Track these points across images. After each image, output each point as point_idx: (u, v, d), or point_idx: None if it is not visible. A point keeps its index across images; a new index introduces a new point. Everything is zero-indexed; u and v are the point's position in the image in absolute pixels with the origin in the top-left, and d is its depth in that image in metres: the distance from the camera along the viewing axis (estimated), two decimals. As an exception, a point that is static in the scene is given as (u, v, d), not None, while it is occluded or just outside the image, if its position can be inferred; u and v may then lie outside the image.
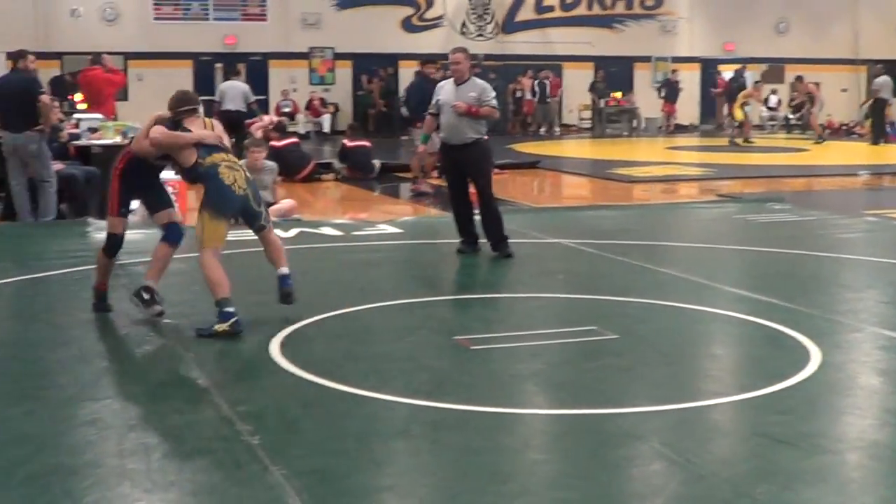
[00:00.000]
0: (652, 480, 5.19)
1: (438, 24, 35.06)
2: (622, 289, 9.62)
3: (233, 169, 8.15)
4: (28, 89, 13.32)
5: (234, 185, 8.08)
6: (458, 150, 11.34)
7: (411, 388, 6.60)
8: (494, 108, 11.34)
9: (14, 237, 12.59)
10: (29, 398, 6.37)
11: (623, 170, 21.87)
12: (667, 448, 5.47)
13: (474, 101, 11.17)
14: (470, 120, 11.20)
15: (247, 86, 22.49)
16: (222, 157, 8.18)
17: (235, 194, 8.08)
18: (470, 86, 11.32)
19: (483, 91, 11.26)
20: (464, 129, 11.24)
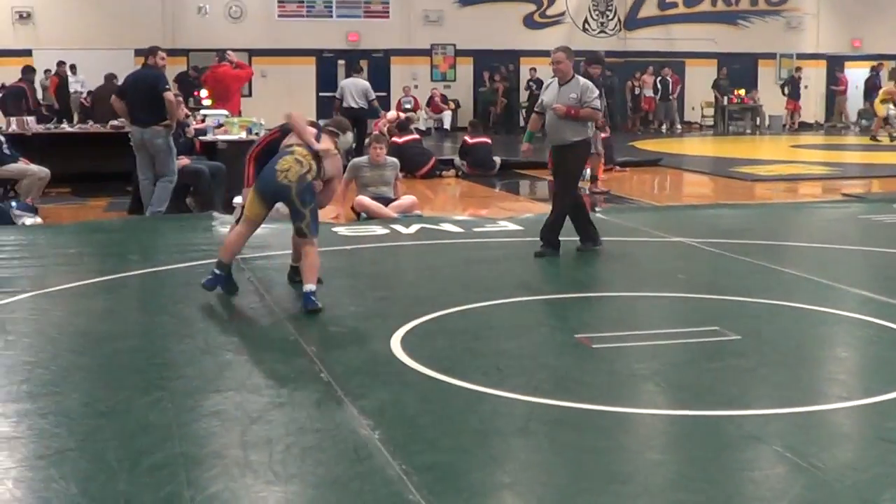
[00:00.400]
0: (774, 484, 5.11)
1: (560, 20, 34.94)
2: (744, 289, 9.50)
3: (298, 162, 8.67)
4: (154, 85, 13.55)
5: (283, 171, 8.63)
6: (558, 150, 11.24)
7: (531, 385, 6.60)
8: (596, 109, 11.15)
9: (141, 231, 12.82)
10: (155, 388, 6.49)
11: (746, 168, 21.60)
12: (790, 452, 5.39)
13: (575, 101, 11.01)
14: (571, 121, 11.05)
15: (367, 83, 22.64)
16: (305, 153, 8.75)
17: (276, 179, 8.62)
18: (572, 86, 11.14)
19: (584, 92, 11.05)
20: (564, 131, 11.10)
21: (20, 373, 6.87)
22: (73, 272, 10.20)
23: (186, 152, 15.14)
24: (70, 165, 17.06)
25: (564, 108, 10.99)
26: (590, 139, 11.48)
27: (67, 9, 30.46)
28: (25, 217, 13.71)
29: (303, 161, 8.67)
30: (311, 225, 8.65)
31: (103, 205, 15.95)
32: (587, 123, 11.18)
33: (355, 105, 21.87)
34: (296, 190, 8.58)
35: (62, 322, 8.36)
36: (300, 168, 8.64)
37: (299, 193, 8.59)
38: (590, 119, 11.17)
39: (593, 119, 11.27)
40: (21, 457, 5.38)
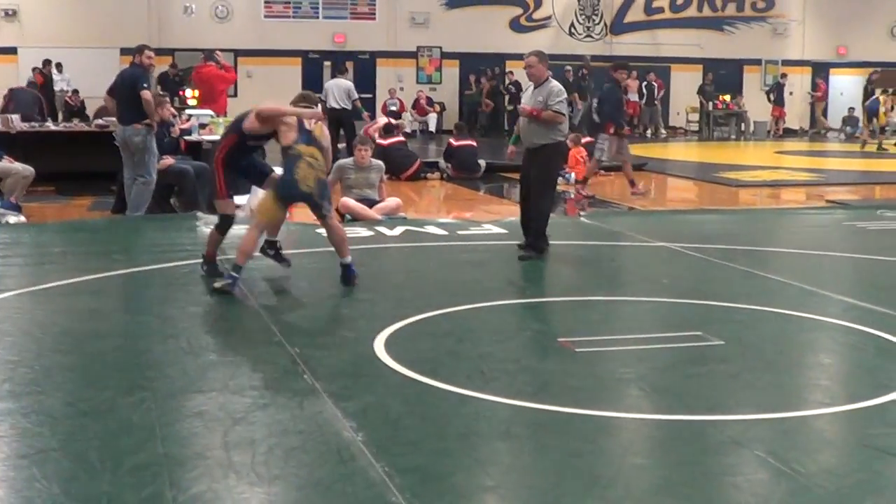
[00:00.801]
0: (757, 489, 5.12)
1: (547, 24, 34.98)
2: (728, 294, 9.53)
3: (311, 166, 9.17)
4: (134, 84, 13.49)
5: (303, 180, 9.12)
6: (529, 152, 11.37)
7: (514, 388, 6.61)
8: (558, 112, 11.19)
9: (125, 230, 12.80)
10: (138, 389, 6.47)
11: (730, 174, 21.65)
12: (772, 457, 5.40)
13: (541, 104, 11.15)
14: (538, 124, 11.19)
15: (351, 83, 22.65)
16: (310, 151, 9.23)
17: (299, 189, 9.16)
18: (542, 89, 11.27)
19: (549, 95, 11.17)
20: (531, 133, 11.26)
21: (3, 372, 6.84)
22: (57, 271, 10.18)
23: (171, 152, 15.09)
24: (54, 164, 17.00)
25: (528, 109, 11.19)
26: (561, 143, 11.59)
27: (53, 7, 30.38)
28: (9, 216, 13.67)
29: (314, 163, 9.20)
30: (327, 206, 9.43)
31: (87, 204, 15.91)
32: (555, 127, 11.25)
33: (338, 106, 21.89)
34: (317, 192, 9.23)
35: (46, 321, 8.33)
36: (315, 171, 9.19)
37: (320, 194, 9.28)
38: (552, 122, 11.20)
39: (555, 122, 11.24)
40: (3, 456, 5.36)
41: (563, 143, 11.69)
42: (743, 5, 36.71)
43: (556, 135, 11.28)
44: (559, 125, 11.32)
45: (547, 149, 11.23)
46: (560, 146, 11.62)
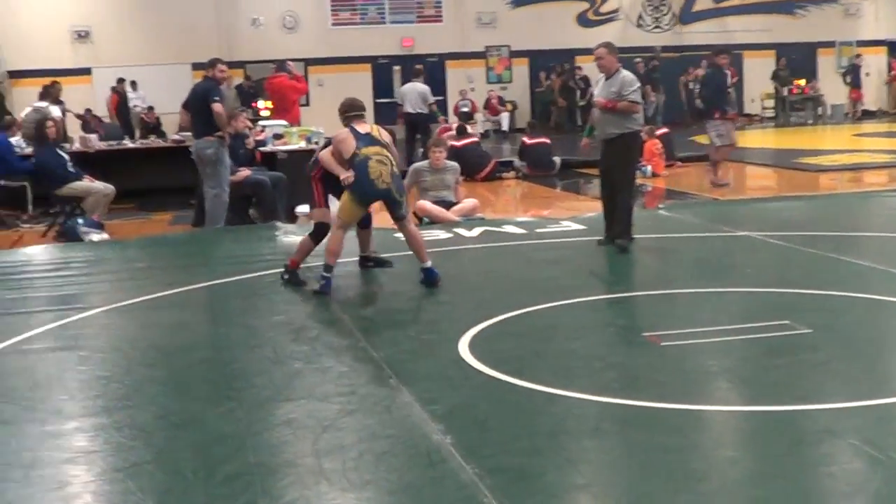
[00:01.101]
0: (852, 478, 5.05)
1: (614, 17, 34.81)
2: (813, 281, 9.42)
3: (381, 163, 9.45)
4: (205, 97, 13.59)
5: (378, 178, 9.42)
6: (605, 144, 11.49)
7: (601, 385, 6.58)
8: (633, 102, 11.30)
9: (206, 243, 12.91)
10: (227, 399, 6.53)
11: (809, 159, 21.41)
12: (867, 445, 5.32)
13: (614, 95, 11.25)
14: (613, 115, 11.27)
15: (426, 87, 22.66)
16: (375, 150, 9.52)
17: (377, 187, 9.45)
18: (613, 80, 11.38)
19: (623, 85, 11.27)
20: (607, 124, 11.37)
21: (95, 387, 6.95)
22: (142, 286, 10.29)
23: (247, 163, 15.22)
24: (134, 181, 17.25)
25: (604, 102, 11.29)
26: (637, 132, 11.64)
27: (125, 26, 30.74)
28: (92, 234, 13.86)
29: (383, 159, 9.50)
30: (404, 206, 9.76)
31: (168, 218, 16.11)
32: (630, 116, 11.34)
33: (413, 110, 21.92)
34: (394, 187, 9.55)
35: (133, 336, 8.44)
36: (385, 167, 9.48)
37: (398, 189, 9.62)
38: (628, 112, 11.29)
39: (631, 112, 11.33)
40: (99, 470, 5.44)
41: (638, 133, 11.72)
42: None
43: (631, 124, 11.36)
44: (635, 115, 11.39)
45: (623, 138, 11.31)
46: (636, 136, 11.65)
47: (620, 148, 11.33)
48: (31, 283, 10.72)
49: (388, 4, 33.22)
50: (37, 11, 30.32)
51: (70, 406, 6.55)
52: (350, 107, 9.99)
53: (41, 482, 5.27)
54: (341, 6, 32.97)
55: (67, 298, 9.86)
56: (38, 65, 29.42)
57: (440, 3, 33.54)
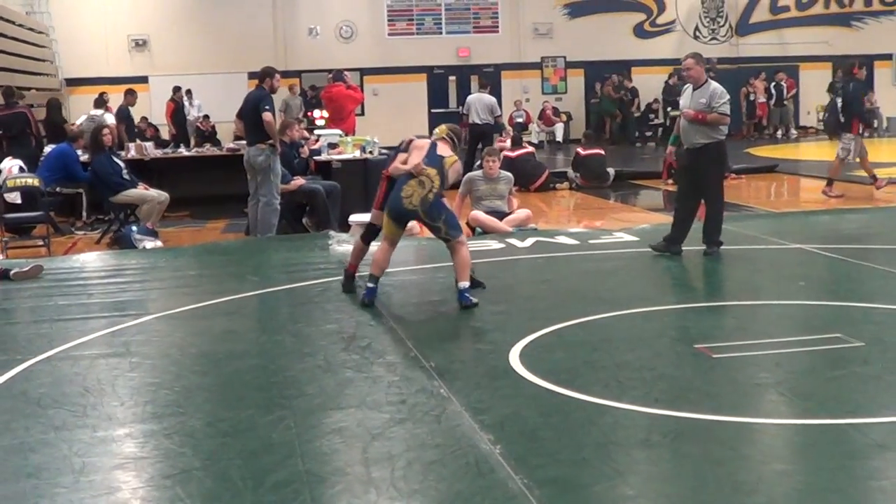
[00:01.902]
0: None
1: (671, 28, 34.70)
2: (867, 294, 9.34)
3: (420, 184, 9.28)
4: (256, 105, 13.66)
5: (407, 197, 9.26)
6: (689, 153, 11.58)
7: (651, 397, 6.54)
8: (723, 114, 11.38)
9: (258, 251, 12.96)
10: (277, 407, 6.55)
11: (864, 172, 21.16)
12: (920, 459, 5.28)
13: (704, 106, 11.30)
14: (700, 125, 11.33)
15: (493, 98, 22.66)
16: (427, 171, 9.32)
17: (403, 206, 9.29)
18: (703, 91, 11.43)
19: (713, 97, 11.33)
20: (693, 134, 11.43)
21: (145, 394, 6.99)
22: (194, 294, 10.36)
23: (301, 172, 15.29)
24: (188, 189, 17.39)
25: (693, 113, 11.34)
26: (723, 141, 11.62)
27: (182, 35, 31.03)
28: (146, 241, 13.97)
29: (424, 181, 9.28)
30: (449, 231, 9.34)
31: (221, 227, 16.21)
32: (717, 127, 11.39)
33: (480, 121, 21.94)
34: (422, 211, 9.27)
35: (184, 343, 8.48)
36: (422, 190, 9.24)
37: (427, 213, 9.28)
38: (717, 123, 11.38)
39: (720, 123, 11.42)
40: (148, 476, 5.47)
41: (724, 142, 11.69)
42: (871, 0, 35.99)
43: (718, 134, 11.45)
44: (721, 125, 11.46)
45: (710, 147, 11.40)
46: (722, 145, 11.64)
47: (708, 157, 11.43)
48: (84, 289, 10.81)
49: (444, 15, 33.33)
50: (95, 20, 30.70)
51: (120, 412, 6.60)
52: (451, 131, 9.96)
53: (91, 487, 5.31)
54: (398, 16, 33.11)
55: (120, 305, 9.94)
56: (96, 73, 29.76)
57: (497, 13, 33.61)
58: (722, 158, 11.80)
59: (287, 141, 14.93)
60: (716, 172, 11.69)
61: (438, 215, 9.31)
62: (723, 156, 11.76)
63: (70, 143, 16.71)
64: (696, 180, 11.56)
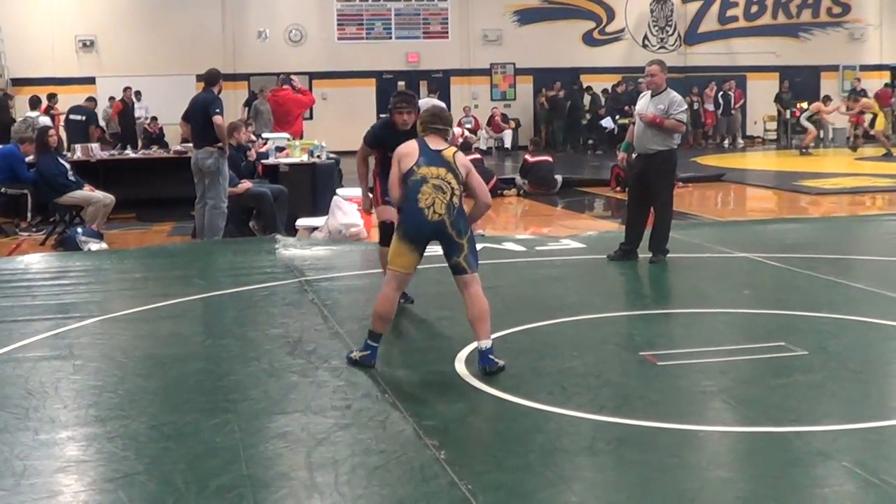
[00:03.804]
0: (844, 501, 5.06)
1: (620, 37, 34.87)
2: (811, 304, 9.41)
3: (439, 189, 7.37)
4: (206, 108, 13.61)
5: (429, 207, 7.35)
6: (642, 160, 11.76)
7: (597, 403, 6.57)
8: (680, 121, 11.62)
9: (204, 255, 12.89)
10: (222, 411, 6.52)
11: (810, 182, 21.41)
12: (859, 467, 5.33)
13: (662, 112, 11.49)
14: (656, 131, 11.50)
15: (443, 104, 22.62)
16: (435, 172, 7.40)
17: (426, 219, 7.35)
18: (662, 98, 11.63)
19: (671, 104, 11.54)
20: (647, 141, 11.60)
21: (88, 397, 6.93)
22: (139, 297, 10.29)
23: (249, 176, 15.23)
24: (135, 191, 17.28)
25: (651, 116, 11.52)
26: (674, 151, 11.80)
27: (130, 36, 30.81)
28: (91, 243, 13.86)
29: (442, 185, 7.40)
30: (469, 257, 7.51)
31: (168, 229, 16.12)
32: (672, 135, 11.61)
33: None
34: (449, 221, 7.40)
35: (128, 346, 8.42)
36: (443, 195, 7.38)
37: (454, 223, 7.42)
38: (674, 130, 11.61)
39: (676, 130, 11.66)
40: (90, 480, 5.42)
41: (676, 151, 11.90)
42: (818, 11, 36.37)
43: (671, 142, 11.67)
44: (676, 133, 11.69)
45: (663, 155, 11.60)
46: (674, 154, 11.84)
47: (660, 164, 11.62)
48: (28, 291, 10.71)
49: (394, 20, 33.32)
50: (42, 20, 30.44)
51: (63, 415, 6.54)
52: (432, 116, 7.78)
53: (32, 491, 5.26)
54: (348, 21, 33.07)
55: (64, 307, 9.85)
56: (43, 73, 29.52)
57: (447, 19, 33.64)
58: (673, 167, 11.92)
59: (234, 144, 14.86)
60: (667, 180, 11.86)
61: (465, 229, 7.49)
62: (674, 164, 11.88)
63: (17, 144, 16.56)
64: (647, 187, 11.66)
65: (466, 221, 7.52)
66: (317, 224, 14.55)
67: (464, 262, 7.47)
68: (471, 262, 7.49)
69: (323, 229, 14.26)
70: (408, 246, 7.46)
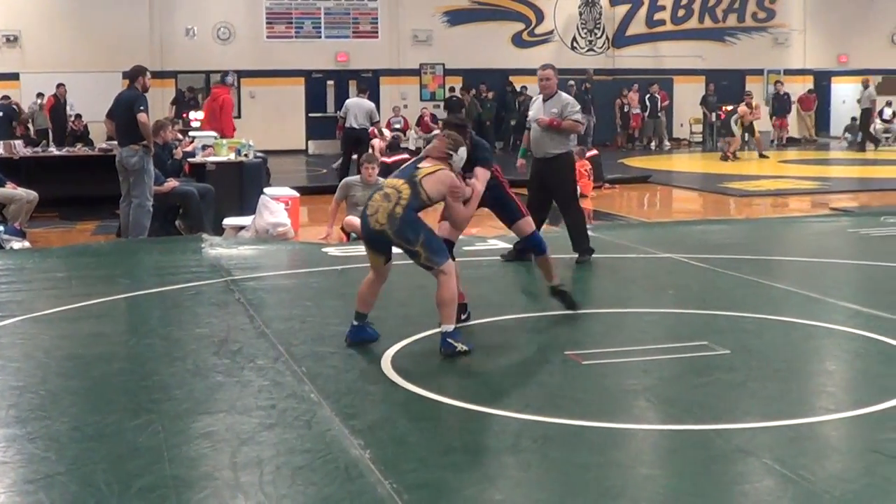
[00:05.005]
0: (764, 496, 5.13)
1: (549, 39, 35.03)
2: (734, 303, 9.52)
3: (386, 198, 7.65)
4: (130, 106, 13.49)
5: (372, 215, 7.66)
6: (540, 163, 11.81)
7: (522, 402, 6.61)
8: (577, 122, 11.72)
9: (129, 254, 12.78)
10: (145, 411, 6.47)
11: (734, 184, 21.65)
12: (779, 464, 5.40)
13: (556, 115, 11.59)
14: (553, 134, 11.60)
15: (372, 104, 22.62)
16: (393, 182, 7.79)
17: (369, 225, 7.71)
18: (555, 101, 11.71)
19: (565, 106, 11.64)
20: (545, 144, 11.69)
21: (8, 397, 6.84)
22: (62, 296, 10.18)
23: (175, 174, 15.13)
24: (58, 189, 17.08)
25: (548, 120, 11.57)
26: (572, 152, 11.93)
27: (55, 32, 30.44)
28: (13, 241, 13.69)
29: (391, 194, 7.67)
30: (430, 258, 7.68)
31: (92, 228, 15.96)
32: (568, 137, 11.70)
33: (357, 126, 21.86)
34: (392, 231, 7.62)
35: (51, 346, 8.32)
36: (388, 204, 7.62)
37: (398, 233, 7.61)
38: (571, 131, 11.71)
39: (574, 131, 11.76)
40: (10, 482, 5.36)
41: (572, 153, 12.03)
42: (744, 16, 36.78)
43: (568, 145, 11.75)
44: (573, 134, 11.79)
45: (561, 158, 11.67)
46: (571, 155, 11.96)
47: (559, 167, 11.68)
48: (-50, 290, 10.57)
49: (324, 19, 33.22)
50: (-37, 14, 30.03)
51: (-16, 415, 6.47)
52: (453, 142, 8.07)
53: (-49, 491, 5.20)
54: (277, 19, 32.92)
55: (-14, 306, 9.73)
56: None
57: (376, 19, 33.60)
58: (572, 168, 12.02)
59: (160, 142, 14.75)
60: (568, 182, 11.91)
61: (414, 237, 7.62)
62: (573, 165, 12.01)
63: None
64: (547, 191, 11.73)
65: (416, 227, 7.65)
66: (244, 223, 14.48)
67: (426, 263, 7.76)
68: (433, 260, 7.71)
69: (250, 229, 14.19)
70: (367, 246, 8.00)
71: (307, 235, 14.58)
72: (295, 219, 14.63)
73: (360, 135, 21.87)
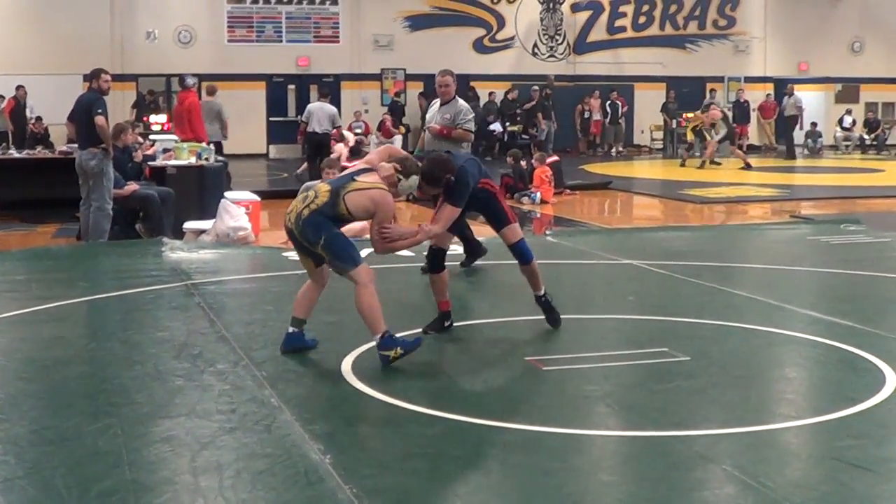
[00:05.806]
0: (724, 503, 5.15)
1: (510, 45, 35.11)
2: (694, 310, 9.56)
3: (304, 200, 7.75)
4: (89, 109, 13.43)
5: (287, 214, 7.81)
6: None
7: (483, 408, 6.62)
8: (468, 130, 11.61)
9: (89, 257, 12.72)
10: (105, 415, 6.44)
11: (695, 190, 21.75)
12: (739, 471, 5.43)
13: (448, 122, 11.55)
14: (445, 141, 11.46)
15: (335, 109, 22.60)
16: (321, 186, 7.92)
17: (285, 223, 7.86)
18: (450, 107, 11.66)
19: (458, 113, 11.58)
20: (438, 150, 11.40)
21: (-33, 401, 6.81)
22: (21, 299, 10.12)
23: (135, 177, 15.06)
24: (17, 192, 16.98)
25: (438, 128, 11.56)
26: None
27: (14, 34, 30.20)
28: (-28, 244, 13.60)
29: (309, 195, 7.78)
30: (334, 262, 7.76)
31: (52, 231, 15.86)
32: (460, 144, 11.51)
33: (320, 130, 21.83)
34: (297, 230, 7.70)
35: (9, 349, 8.27)
36: (300, 204, 7.72)
37: (301, 233, 7.69)
38: (461, 140, 11.58)
39: (464, 140, 11.62)
40: (-32, 485, 5.33)
41: None
42: (704, 23, 36.98)
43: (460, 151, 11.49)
44: (465, 142, 11.63)
45: None
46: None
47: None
48: None
49: (285, 23, 33.15)
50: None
51: (-59, 419, 6.42)
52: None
53: None
54: (238, 23, 32.83)
55: (-56, 309, 9.66)
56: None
57: (337, 23, 33.56)
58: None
59: (120, 146, 14.69)
60: None
61: (315, 238, 7.63)
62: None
63: None
64: None
65: (318, 229, 7.63)
66: (204, 227, 14.43)
67: (335, 267, 7.85)
68: (338, 265, 7.75)
69: (210, 232, 14.15)
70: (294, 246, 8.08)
71: (268, 240, 14.54)
72: (255, 223, 14.61)
73: (323, 139, 21.86)
